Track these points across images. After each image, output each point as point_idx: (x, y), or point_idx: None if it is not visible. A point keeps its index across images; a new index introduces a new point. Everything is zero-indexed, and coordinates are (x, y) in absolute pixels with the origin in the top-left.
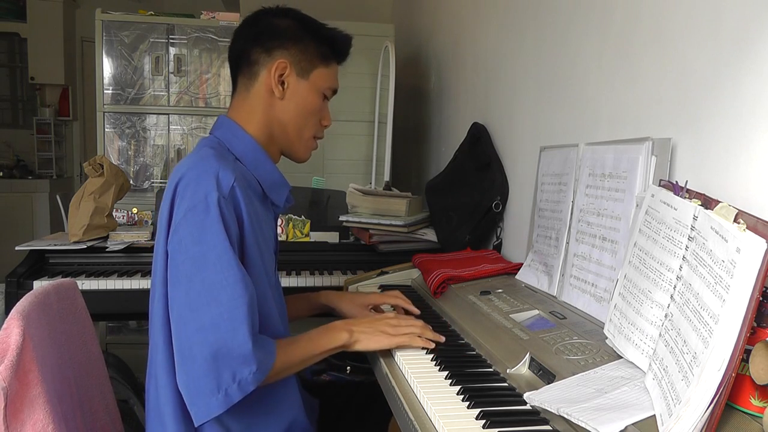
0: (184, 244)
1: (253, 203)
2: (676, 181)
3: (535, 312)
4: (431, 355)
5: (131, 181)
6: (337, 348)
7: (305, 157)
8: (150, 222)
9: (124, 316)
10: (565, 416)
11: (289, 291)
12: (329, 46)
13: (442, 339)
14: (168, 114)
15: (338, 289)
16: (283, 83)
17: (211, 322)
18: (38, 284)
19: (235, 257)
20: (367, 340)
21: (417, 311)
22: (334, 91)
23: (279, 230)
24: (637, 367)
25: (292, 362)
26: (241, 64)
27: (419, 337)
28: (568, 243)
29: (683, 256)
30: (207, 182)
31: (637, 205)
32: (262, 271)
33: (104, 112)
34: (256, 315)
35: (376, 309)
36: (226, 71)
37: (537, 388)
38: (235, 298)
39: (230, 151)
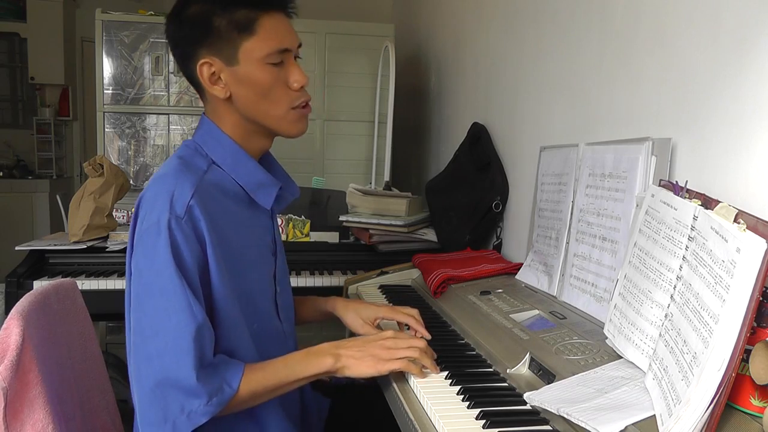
0: (138, 268)
1: (230, 212)
2: (676, 181)
3: (535, 312)
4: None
5: (131, 181)
6: (321, 374)
7: (296, 132)
8: None
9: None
10: (565, 416)
11: None
12: (246, 7)
13: (438, 371)
14: (168, 114)
15: (338, 289)
16: (220, 80)
17: (156, 351)
18: (38, 284)
19: (182, 284)
20: (355, 366)
21: (428, 336)
22: (285, 50)
23: (279, 230)
24: (637, 367)
25: (264, 389)
26: (186, 75)
27: (414, 363)
28: (568, 243)
29: (683, 256)
30: (161, 203)
31: (637, 205)
32: (231, 293)
33: (104, 112)
34: (206, 343)
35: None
36: None
37: (537, 388)
38: (180, 327)
39: (208, 156)
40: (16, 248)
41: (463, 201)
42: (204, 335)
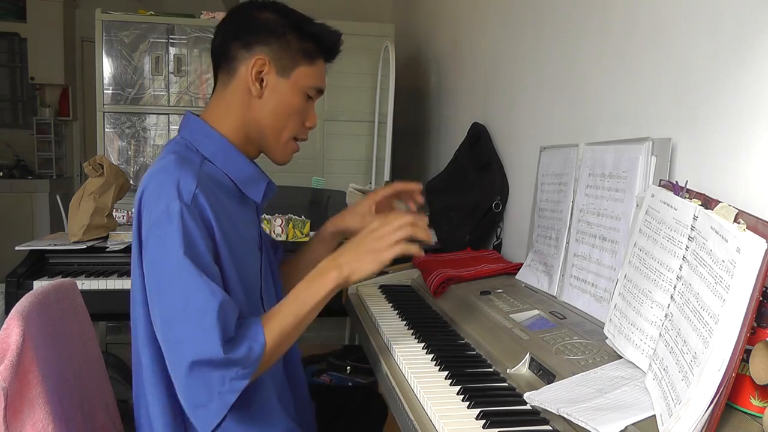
0: (153, 259)
1: (224, 205)
2: (676, 181)
3: (535, 312)
4: (431, 355)
5: (131, 181)
6: (332, 291)
7: (284, 161)
8: None
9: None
10: (565, 416)
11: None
12: (315, 43)
13: (431, 239)
14: (168, 114)
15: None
16: (261, 81)
17: (183, 335)
18: (38, 284)
19: (197, 266)
20: (359, 267)
21: (420, 199)
22: (320, 91)
23: (279, 230)
24: (637, 367)
25: (286, 330)
26: (221, 60)
27: (412, 242)
28: (568, 243)
29: (683, 256)
30: (167, 192)
31: (637, 205)
32: (235, 276)
33: (104, 112)
34: (229, 318)
35: (380, 206)
36: None
37: (537, 388)
38: (201, 308)
39: (198, 152)
40: (16, 248)
41: (463, 201)
42: (227, 311)
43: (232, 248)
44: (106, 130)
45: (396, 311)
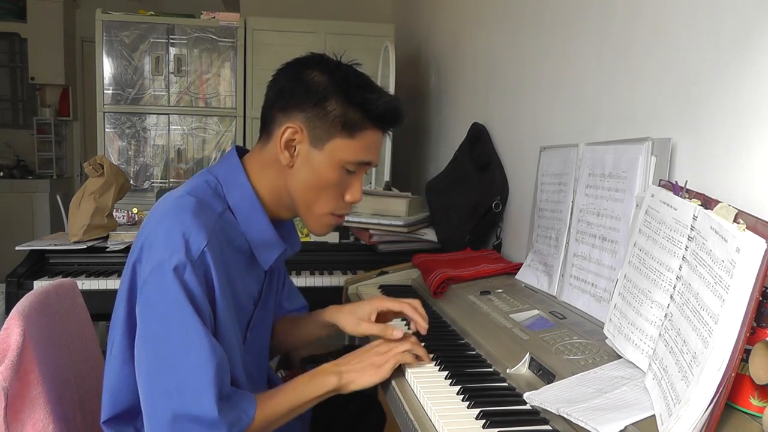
0: (150, 303)
1: (229, 263)
2: (676, 181)
3: (535, 312)
4: (431, 355)
5: (131, 181)
6: (328, 393)
7: (319, 233)
8: None
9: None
10: (565, 416)
11: None
12: (361, 110)
13: (430, 360)
14: (168, 114)
15: (338, 289)
16: (294, 148)
17: (176, 387)
18: (38, 284)
19: (200, 321)
20: (358, 378)
21: (424, 325)
22: (365, 164)
23: None
24: (637, 367)
25: (276, 415)
26: (265, 114)
27: (408, 352)
28: (568, 243)
29: (683, 256)
30: (175, 242)
31: (637, 205)
32: (233, 337)
33: (104, 112)
34: (225, 377)
35: (382, 316)
36: (226, 71)
37: (537, 388)
38: (201, 363)
39: (224, 198)
40: (16, 248)
41: (463, 201)
42: (223, 370)
43: (226, 304)
44: (106, 130)
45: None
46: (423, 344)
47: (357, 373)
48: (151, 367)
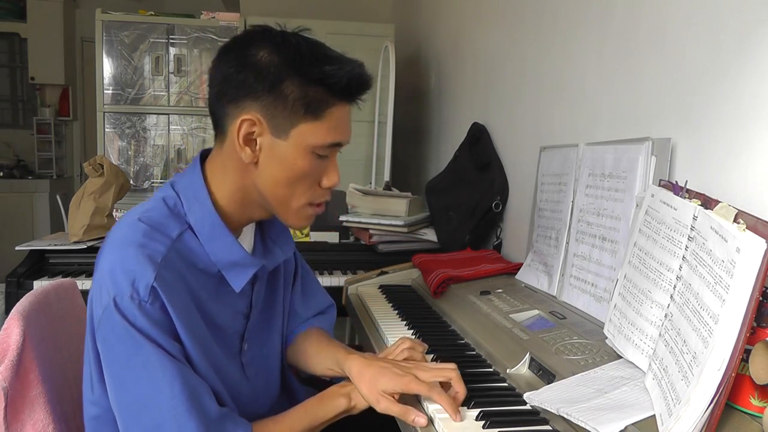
0: (108, 342)
1: (194, 289)
2: (676, 181)
3: (535, 312)
4: (432, 355)
5: (131, 181)
6: (339, 416)
7: (299, 226)
8: None
9: None
10: (565, 416)
11: None
12: (323, 86)
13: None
14: (168, 114)
15: (338, 289)
16: (255, 142)
17: (153, 424)
18: (38, 284)
19: (161, 353)
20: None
21: (456, 418)
22: (337, 145)
23: None
24: (637, 367)
25: None
26: (212, 108)
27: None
28: (568, 243)
29: (683, 256)
30: (119, 282)
31: (637, 205)
32: (206, 364)
33: (104, 112)
34: (205, 401)
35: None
36: None
37: (537, 388)
38: (174, 395)
39: (185, 218)
40: (16, 248)
41: (463, 201)
42: (200, 392)
43: (195, 331)
44: (106, 130)
45: (396, 311)
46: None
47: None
48: (124, 410)
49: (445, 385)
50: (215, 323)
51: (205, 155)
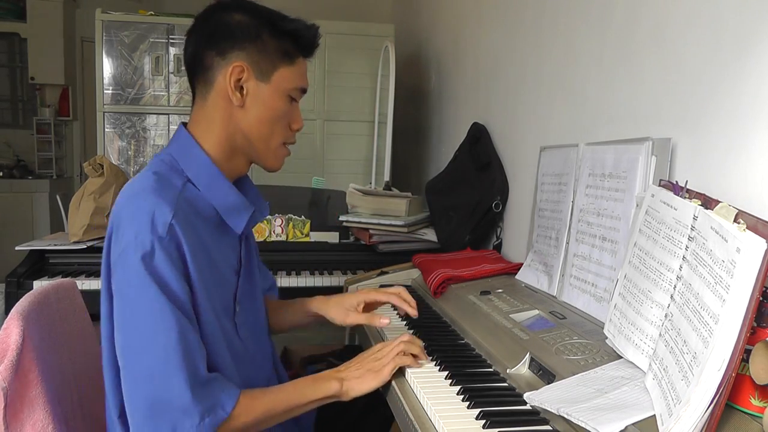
0: (119, 287)
1: (201, 233)
2: (676, 181)
3: (535, 312)
4: (431, 355)
5: None
6: (328, 398)
7: (277, 167)
8: None
9: None
10: (565, 416)
11: (289, 291)
12: (292, 41)
13: (427, 358)
14: (168, 114)
15: (338, 289)
16: (241, 89)
17: (146, 372)
18: (38, 284)
19: (168, 301)
20: (358, 384)
21: (413, 312)
22: (303, 91)
23: (279, 230)
24: (637, 367)
25: (272, 412)
26: (196, 70)
27: (405, 354)
28: (568, 243)
29: (683, 256)
30: (140, 222)
31: (637, 205)
32: (211, 311)
33: (104, 112)
34: (198, 360)
35: (370, 306)
36: None
37: (537, 388)
38: (169, 345)
39: (184, 173)
40: (16, 248)
41: (463, 201)
42: (195, 351)
43: (203, 276)
44: (106, 130)
45: (396, 311)
46: (423, 343)
47: (357, 379)
48: (125, 354)
49: None
50: (219, 272)
51: (185, 125)
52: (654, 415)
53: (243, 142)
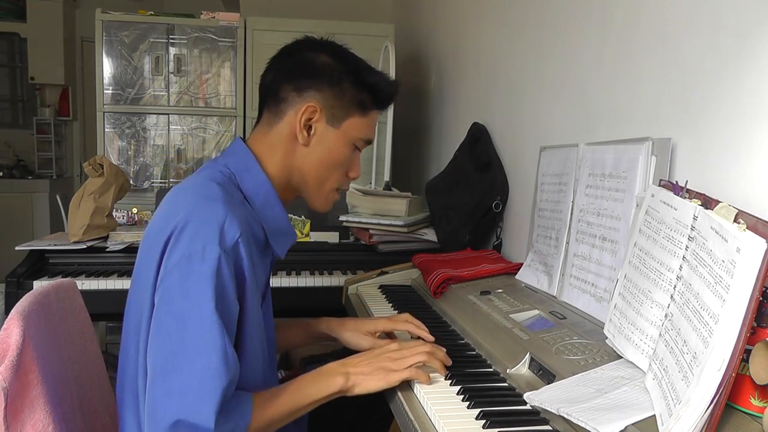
0: (170, 295)
1: (254, 253)
2: (676, 181)
3: (535, 312)
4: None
5: (131, 181)
6: (333, 395)
7: (325, 210)
8: None
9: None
10: (565, 416)
11: (288, 291)
12: (370, 93)
13: (444, 372)
14: (168, 114)
15: (338, 289)
16: (310, 128)
17: (179, 389)
18: (38, 284)
19: (221, 324)
20: (365, 382)
21: (431, 338)
22: (369, 142)
23: None
24: (637, 367)
25: (278, 416)
26: (269, 97)
27: (423, 370)
28: (568, 243)
29: (683, 256)
30: (209, 232)
31: (637, 205)
32: (256, 327)
33: (104, 112)
34: (231, 391)
35: (389, 335)
36: (226, 71)
37: (537, 388)
38: (210, 368)
39: (239, 188)
40: (16, 248)
41: (463, 201)
42: (233, 386)
43: (254, 295)
44: (106, 130)
45: (396, 311)
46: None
47: (365, 376)
48: (159, 363)
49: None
50: (258, 291)
51: (243, 140)
52: (654, 415)
53: (299, 179)
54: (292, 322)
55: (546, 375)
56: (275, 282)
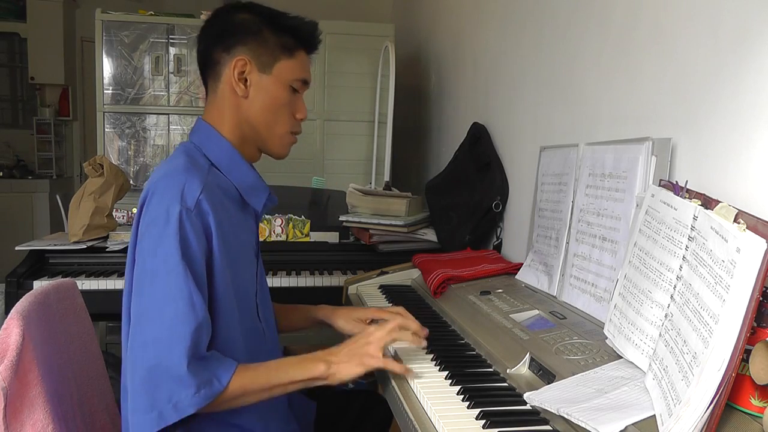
0: (142, 256)
1: (228, 212)
2: (676, 181)
3: (535, 312)
4: (431, 355)
5: (131, 181)
6: (312, 380)
7: (283, 154)
8: None
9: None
10: (565, 416)
11: (288, 291)
12: (291, 35)
13: (424, 334)
14: (168, 114)
15: (338, 289)
16: (245, 81)
17: (152, 337)
18: (38, 284)
19: (186, 273)
20: (345, 369)
21: (424, 332)
22: (305, 82)
23: (279, 230)
24: (637, 367)
25: (257, 388)
26: (207, 66)
27: (393, 329)
28: (568, 243)
29: (683, 256)
30: (171, 195)
31: (637, 205)
32: (230, 287)
33: (104, 112)
34: (202, 337)
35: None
36: None
37: (537, 388)
38: (179, 315)
39: (206, 157)
40: (16, 248)
41: (463, 201)
42: (201, 330)
43: (231, 254)
44: (106, 130)
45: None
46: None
47: (345, 363)
48: (135, 317)
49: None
50: (245, 251)
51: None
52: (654, 415)
53: (250, 130)
54: (294, 307)
55: (546, 375)
56: (275, 282)
